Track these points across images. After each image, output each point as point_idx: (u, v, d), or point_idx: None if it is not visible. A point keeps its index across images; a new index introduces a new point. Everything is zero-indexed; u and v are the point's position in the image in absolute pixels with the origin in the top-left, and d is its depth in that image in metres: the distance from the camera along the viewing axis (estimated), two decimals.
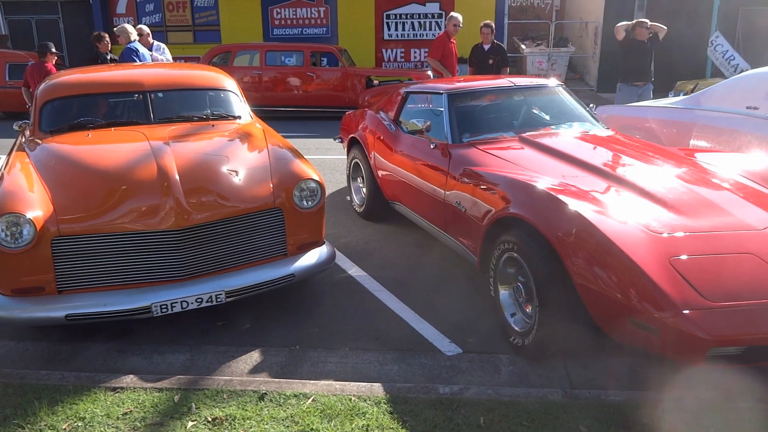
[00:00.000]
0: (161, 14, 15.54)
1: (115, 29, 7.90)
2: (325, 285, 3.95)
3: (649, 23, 7.42)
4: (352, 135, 5.39)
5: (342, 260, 4.32)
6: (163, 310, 3.06)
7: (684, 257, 2.52)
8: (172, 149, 3.51)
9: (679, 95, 8.02)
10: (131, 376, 2.87)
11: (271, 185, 3.42)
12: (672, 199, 2.93)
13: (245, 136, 4.04)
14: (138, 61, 7.46)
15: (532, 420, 2.49)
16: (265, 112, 10.62)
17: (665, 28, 7.46)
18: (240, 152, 3.75)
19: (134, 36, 7.69)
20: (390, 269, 4.20)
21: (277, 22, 15.22)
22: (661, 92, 8.71)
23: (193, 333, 3.34)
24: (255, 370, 2.97)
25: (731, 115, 4.75)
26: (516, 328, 3.07)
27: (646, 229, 2.67)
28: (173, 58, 8.90)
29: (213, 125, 4.22)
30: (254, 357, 3.09)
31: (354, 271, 4.18)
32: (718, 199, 2.98)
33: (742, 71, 9.03)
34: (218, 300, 3.16)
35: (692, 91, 8.10)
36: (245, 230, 3.31)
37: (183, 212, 3.10)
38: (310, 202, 3.47)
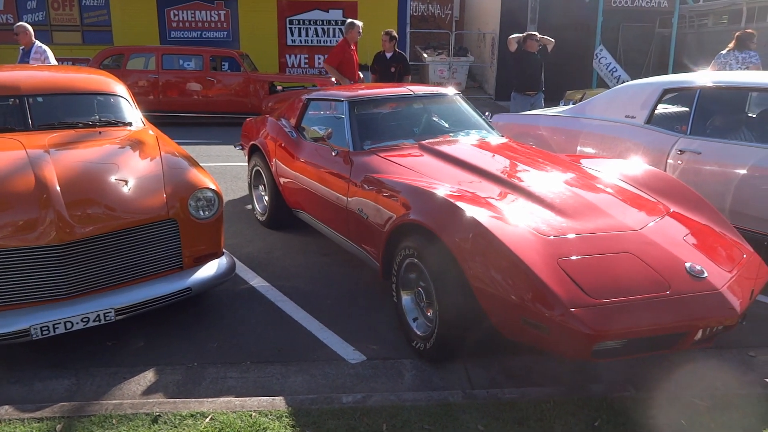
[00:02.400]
0: (45, 12, 14.47)
1: None
2: (226, 297, 3.82)
3: (539, 36, 7.85)
4: (253, 142, 5.27)
5: (243, 271, 4.20)
6: (44, 333, 2.83)
7: (570, 258, 2.67)
8: (53, 158, 3.27)
9: (568, 104, 8.54)
10: (6, 407, 2.62)
11: (165, 195, 3.26)
12: (559, 203, 3.10)
13: (136, 143, 3.84)
14: None
15: (433, 422, 2.53)
16: (162, 117, 10.20)
17: (553, 41, 7.92)
18: (130, 161, 3.55)
19: None
20: (293, 279, 4.14)
21: (174, 25, 14.64)
22: (552, 101, 9.24)
23: (80, 355, 3.11)
24: (148, 391, 2.81)
25: (612, 124, 5.11)
26: (418, 333, 3.11)
27: (536, 232, 2.80)
28: (57, 60, 8.28)
29: (100, 132, 3.99)
30: (148, 377, 2.93)
31: (256, 281, 4.08)
32: (600, 202, 3.18)
33: (623, 82, 9.77)
34: (107, 319, 2.97)
35: (580, 100, 8.65)
36: (136, 243, 3.13)
37: (65, 226, 2.89)
38: (206, 212, 3.35)
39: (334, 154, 4.06)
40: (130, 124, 4.27)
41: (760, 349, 3.23)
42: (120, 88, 4.51)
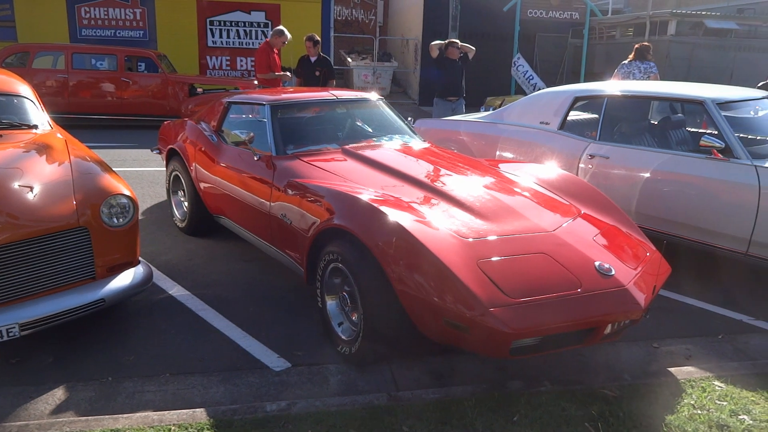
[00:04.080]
0: None
1: None
2: (143, 308, 3.67)
3: (460, 44, 8.06)
4: (171, 146, 5.10)
5: (162, 280, 4.05)
6: None
7: (489, 259, 2.76)
8: None
9: (489, 110, 8.80)
10: None
11: (74, 202, 3.09)
12: (478, 206, 3.20)
13: (42, 147, 3.62)
14: None
15: (359, 426, 2.54)
16: (72, 120, 9.69)
17: (474, 48, 8.15)
18: (36, 166, 3.35)
19: None
20: (215, 286, 4.03)
21: (85, 22, 13.91)
22: (473, 107, 9.50)
23: None
24: (58, 410, 2.65)
25: (528, 129, 5.32)
26: (343, 337, 3.12)
27: (456, 235, 2.87)
28: None
29: (1, 135, 3.73)
30: (57, 395, 2.76)
31: (175, 290, 3.94)
32: (516, 205, 3.31)
33: (539, 89, 10.19)
34: (10, 335, 2.78)
35: (500, 106, 8.93)
36: (43, 254, 2.95)
37: None
38: (120, 220, 3.21)
39: (256, 158, 4.00)
40: (35, 126, 4.03)
41: (662, 340, 3.46)
42: (24, 88, 4.25)
